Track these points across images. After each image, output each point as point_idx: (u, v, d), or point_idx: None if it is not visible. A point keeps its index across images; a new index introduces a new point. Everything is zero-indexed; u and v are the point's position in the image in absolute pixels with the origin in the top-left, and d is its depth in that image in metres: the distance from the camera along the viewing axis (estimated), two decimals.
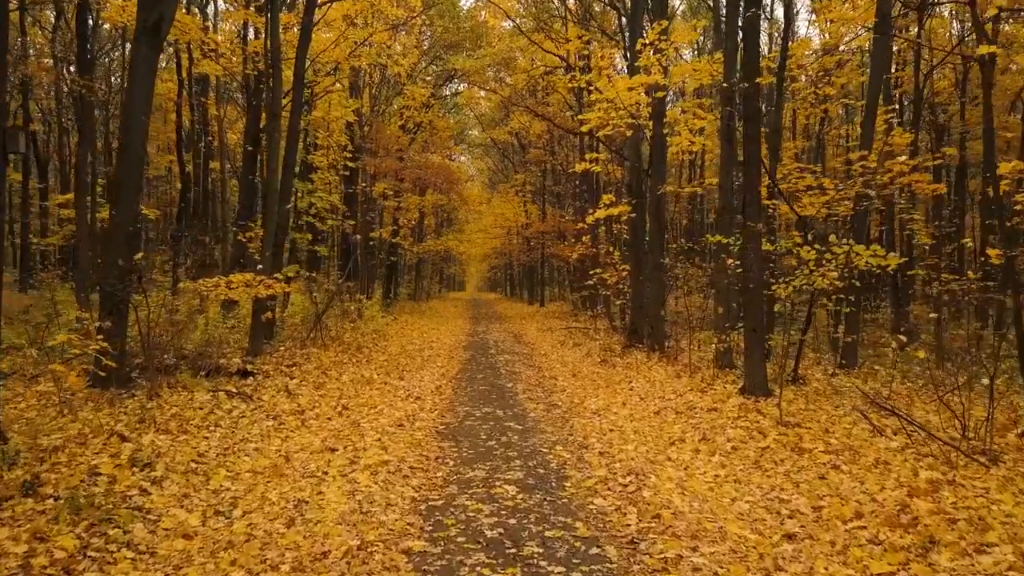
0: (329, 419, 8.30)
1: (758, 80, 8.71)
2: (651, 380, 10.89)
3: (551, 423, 8.29)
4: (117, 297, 8.32)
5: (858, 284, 8.86)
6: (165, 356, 10.00)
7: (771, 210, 12.01)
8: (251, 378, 10.32)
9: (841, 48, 15.26)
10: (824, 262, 8.53)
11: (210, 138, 21.45)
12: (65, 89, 21.67)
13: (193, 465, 5.96)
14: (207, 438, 6.94)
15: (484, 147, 45.32)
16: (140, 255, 8.41)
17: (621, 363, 12.86)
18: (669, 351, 13.27)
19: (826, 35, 16.16)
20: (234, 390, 8.75)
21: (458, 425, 8.11)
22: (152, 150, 32.36)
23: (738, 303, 11.15)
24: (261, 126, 16.43)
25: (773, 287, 8.90)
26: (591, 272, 16.50)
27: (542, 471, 6.27)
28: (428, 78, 31.53)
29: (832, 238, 7.97)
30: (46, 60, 25.71)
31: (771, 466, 6.23)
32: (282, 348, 13.44)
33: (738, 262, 10.79)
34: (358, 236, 21.81)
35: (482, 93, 36.74)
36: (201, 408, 7.98)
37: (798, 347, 9.77)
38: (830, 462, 6.15)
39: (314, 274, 19.43)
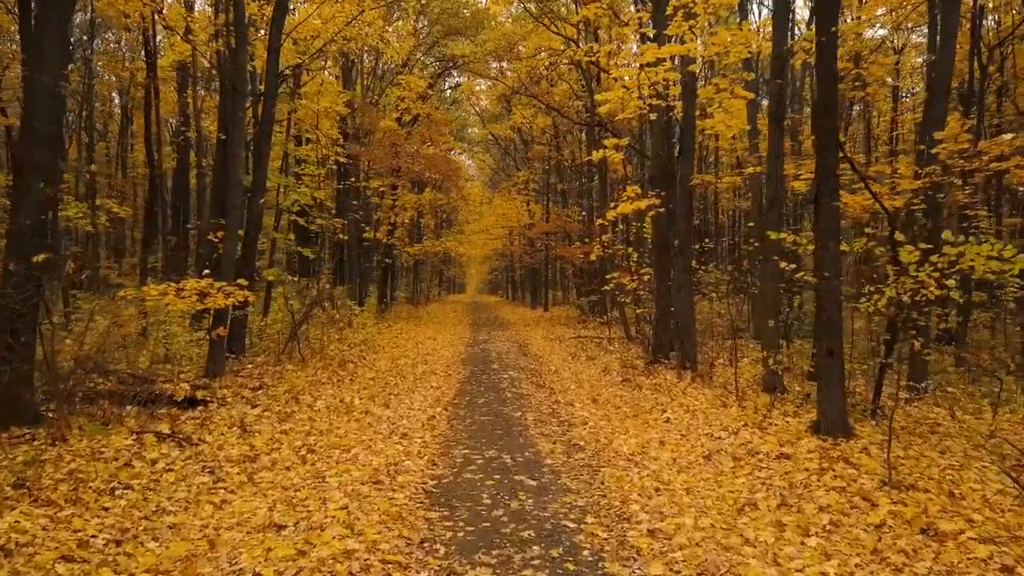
0: (288, 469, 6.40)
1: (835, 29, 6.82)
2: (689, 408, 8.98)
3: (575, 476, 6.38)
4: (12, 310, 6.43)
5: (964, 294, 6.93)
6: (94, 382, 8.11)
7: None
8: (201, 408, 8.42)
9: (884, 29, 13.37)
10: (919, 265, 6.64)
11: (183, 128, 19.57)
12: None
13: (61, 570, 4.05)
14: (106, 509, 5.04)
15: (484, 144, 43.39)
16: (43, 256, 6.51)
17: (647, 383, 10.96)
18: (701, 369, 11.38)
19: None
20: (167, 431, 6.84)
21: (453, 480, 6.20)
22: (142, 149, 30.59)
23: (785, 313, 9.31)
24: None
25: (863, 300, 6.99)
26: (608, 276, 14.60)
27: (572, 567, 4.37)
28: (426, 67, 29.67)
29: (947, 234, 6.06)
30: None
31: (901, 560, 4.32)
32: (250, 365, 11.54)
33: (791, 264, 8.91)
34: (341, 235, 19.87)
35: (483, 86, 34.91)
36: (116, 458, 6.08)
37: (878, 372, 7.85)
38: (991, 558, 4.25)
39: (297, 278, 17.54)
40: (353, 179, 21.35)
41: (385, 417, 8.76)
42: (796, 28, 18.24)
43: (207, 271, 10.26)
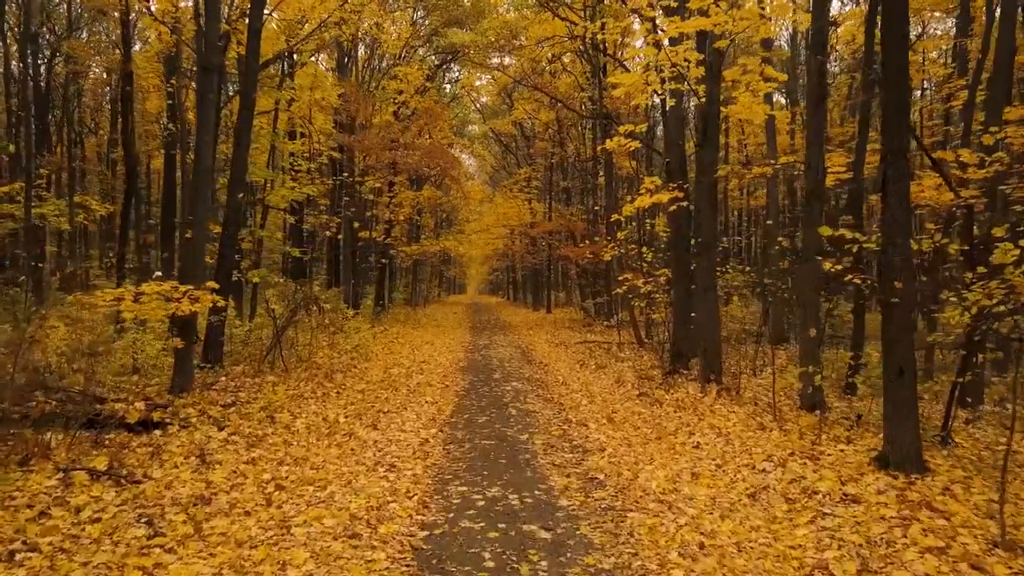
0: (247, 514, 5.25)
1: None
2: (721, 430, 7.83)
3: (597, 524, 5.23)
4: None
5: None
6: (36, 401, 6.95)
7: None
8: (158, 431, 7.27)
9: None
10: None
11: (170, 123, 18.40)
12: None
13: None
14: None
15: (485, 141, 42.22)
16: None
17: (668, 398, 9.80)
18: (727, 382, 10.24)
19: None
20: (102, 467, 5.68)
21: (448, 531, 5.05)
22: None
23: (818, 320, 8.17)
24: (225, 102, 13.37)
25: (946, 309, 5.84)
26: (620, 278, 13.44)
27: None
28: (424, 61, 28.54)
29: None
30: None
31: None
32: (224, 378, 10.38)
33: (838, 264, 7.78)
34: (328, 232, 18.73)
35: (483, 80, 33.78)
36: (31, 505, 4.94)
37: (951, 392, 6.69)
38: None
39: (284, 279, 16.38)
40: (347, 174, 20.18)
41: (371, 441, 7.60)
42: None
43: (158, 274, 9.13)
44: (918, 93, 21.97)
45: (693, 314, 10.95)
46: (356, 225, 20.74)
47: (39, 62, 23.41)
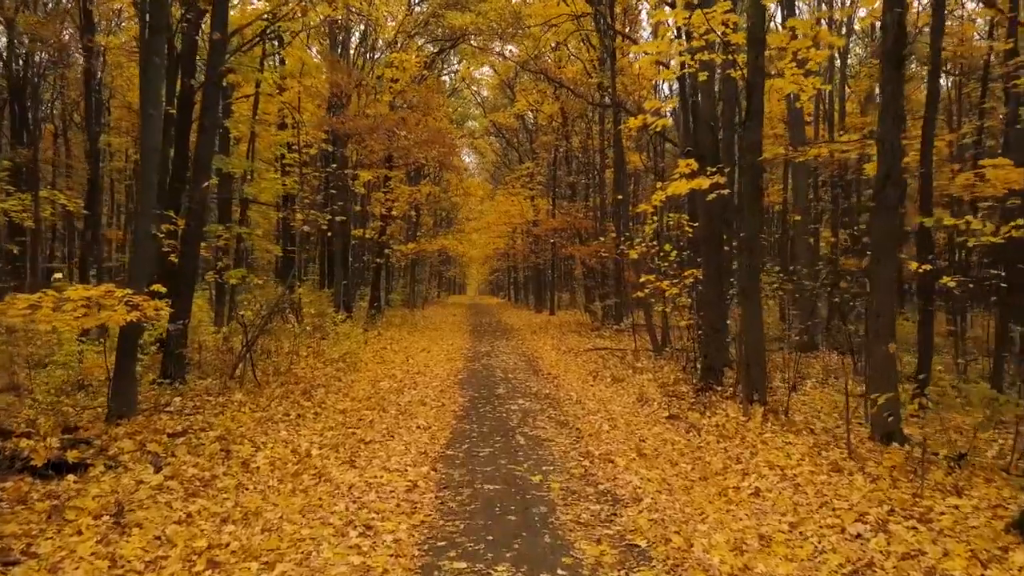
0: None
1: None
2: (782, 470, 6.28)
3: None
4: None
5: None
6: None
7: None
8: (72, 476, 5.73)
9: None
10: None
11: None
12: None
13: None
14: None
15: (486, 135, 40.67)
16: None
17: (705, 423, 8.25)
18: (773, 402, 8.70)
19: None
20: None
21: None
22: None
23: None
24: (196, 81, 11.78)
25: None
26: (642, 280, 11.89)
27: None
28: (421, 50, 26.98)
29: None
30: None
31: None
32: (179, 399, 8.83)
33: (926, 264, 6.24)
34: (306, 228, 17.20)
35: (485, 71, 32.27)
36: None
37: None
38: None
39: (264, 281, 14.84)
40: (335, 165, 18.63)
41: (346, 486, 6.05)
42: None
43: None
44: None
45: (729, 321, 9.41)
46: (343, 219, 19.16)
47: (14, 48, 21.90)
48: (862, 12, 17.15)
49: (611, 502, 5.73)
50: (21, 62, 22.84)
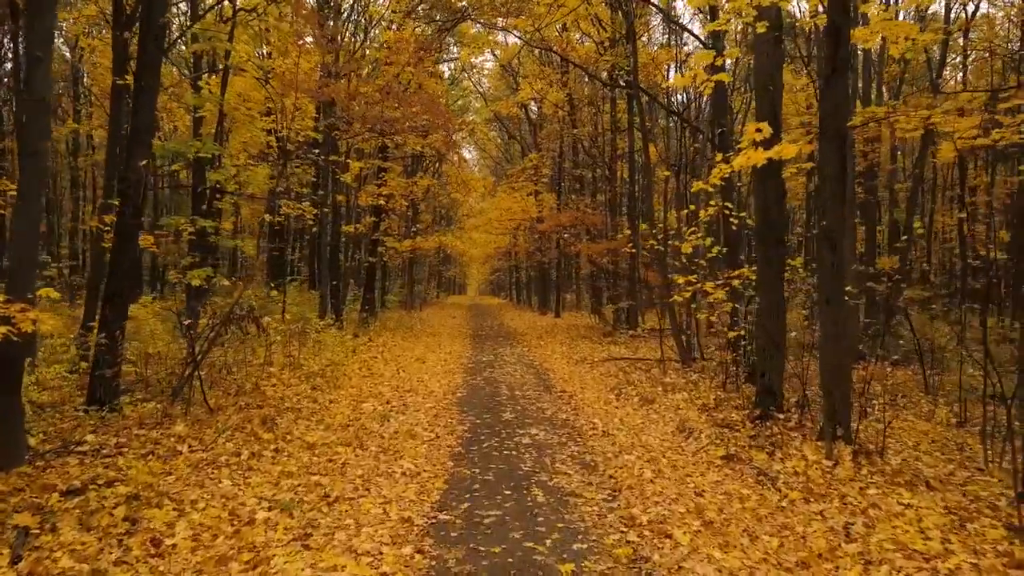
0: None
1: None
2: (922, 557, 4.35)
3: None
4: None
5: None
6: None
7: None
8: None
9: None
10: None
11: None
12: None
13: None
14: None
15: (487, 124, 38.66)
16: None
17: (780, 469, 6.31)
18: (863, 440, 6.77)
19: None
20: None
21: None
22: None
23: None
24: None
25: None
26: (681, 280, 9.95)
27: None
28: (416, 26, 25.05)
29: None
30: None
31: None
32: (93, 436, 6.89)
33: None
34: (280, 219, 15.29)
35: (485, 55, 30.27)
36: None
37: None
38: None
39: (239, 280, 12.89)
40: (318, 151, 16.69)
41: None
42: None
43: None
44: None
45: (793, 333, 7.47)
46: (327, 211, 17.26)
47: None
48: None
49: None
50: None
